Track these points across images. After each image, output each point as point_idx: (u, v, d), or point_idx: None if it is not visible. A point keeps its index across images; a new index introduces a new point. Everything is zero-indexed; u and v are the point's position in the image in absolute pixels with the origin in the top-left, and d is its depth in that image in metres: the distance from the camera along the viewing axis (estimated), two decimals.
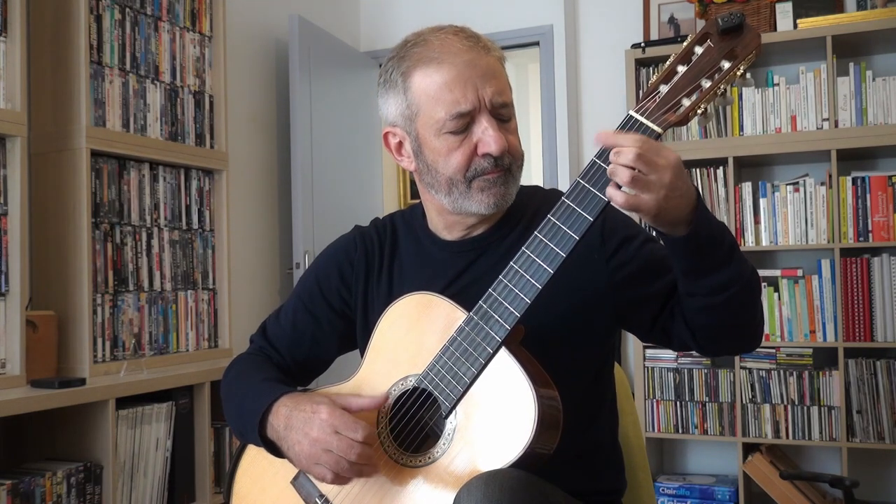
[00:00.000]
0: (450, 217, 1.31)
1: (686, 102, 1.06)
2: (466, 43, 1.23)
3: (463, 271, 1.31)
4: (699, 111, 1.06)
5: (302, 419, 1.19)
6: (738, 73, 1.05)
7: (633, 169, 1.01)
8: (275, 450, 1.25)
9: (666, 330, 1.25)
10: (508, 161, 1.24)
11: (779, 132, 3.26)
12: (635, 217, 1.06)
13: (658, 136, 1.06)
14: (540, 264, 1.10)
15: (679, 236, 1.08)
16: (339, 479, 1.17)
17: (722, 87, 1.05)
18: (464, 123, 1.22)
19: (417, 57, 1.24)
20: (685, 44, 1.07)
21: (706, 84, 1.06)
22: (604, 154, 1.07)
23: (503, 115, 1.24)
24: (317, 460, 1.17)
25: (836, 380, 3.12)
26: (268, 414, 1.24)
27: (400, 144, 1.32)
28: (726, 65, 1.05)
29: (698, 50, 1.07)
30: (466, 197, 1.25)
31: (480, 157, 1.23)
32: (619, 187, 1.04)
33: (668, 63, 1.08)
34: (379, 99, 1.32)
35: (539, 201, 1.32)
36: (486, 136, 1.21)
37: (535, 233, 1.12)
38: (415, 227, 1.40)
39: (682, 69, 1.07)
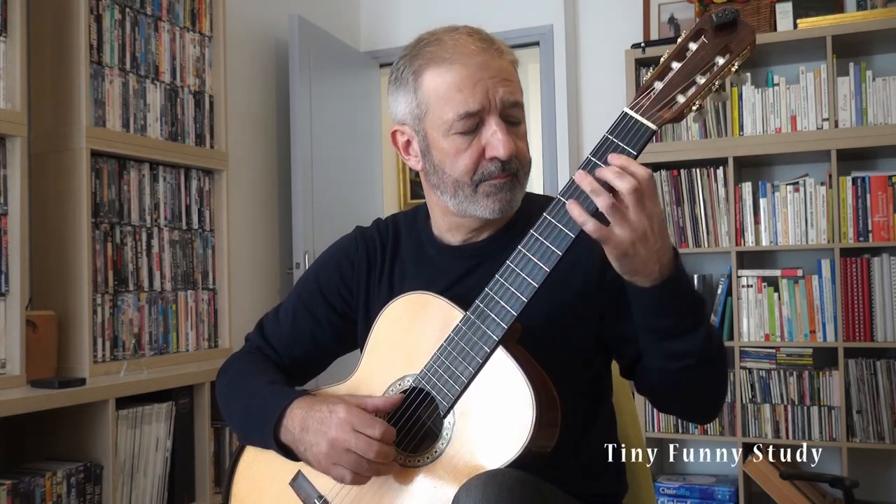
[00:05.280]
0: (454, 219, 1.30)
1: (681, 99, 1.06)
2: (480, 45, 1.21)
3: (464, 276, 1.30)
4: (694, 107, 1.05)
5: (318, 419, 1.18)
6: (733, 69, 1.05)
7: (618, 197, 1.02)
8: (289, 453, 1.24)
9: (633, 373, 1.28)
10: (516, 166, 1.23)
11: (779, 132, 3.26)
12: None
13: (653, 133, 1.06)
14: (536, 262, 1.10)
15: (641, 286, 1.09)
16: (359, 478, 1.16)
17: (717, 82, 1.05)
18: (472, 124, 1.20)
19: (430, 56, 1.23)
20: (679, 40, 1.07)
21: (701, 80, 1.05)
22: (588, 164, 1.06)
23: (513, 117, 1.22)
24: (336, 460, 1.15)
25: (836, 380, 3.12)
26: (283, 418, 1.23)
27: (408, 143, 1.30)
28: (721, 60, 1.05)
29: (693, 46, 1.07)
30: (472, 201, 1.24)
31: (488, 161, 1.21)
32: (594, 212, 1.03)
33: (662, 60, 1.08)
34: (389, 96, 1.31)
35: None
36: (495, 139, 1.19)
37: (532, 231, 1.11)
38: (417, 228, 1.39)
39: (676, 66, 1.07)
